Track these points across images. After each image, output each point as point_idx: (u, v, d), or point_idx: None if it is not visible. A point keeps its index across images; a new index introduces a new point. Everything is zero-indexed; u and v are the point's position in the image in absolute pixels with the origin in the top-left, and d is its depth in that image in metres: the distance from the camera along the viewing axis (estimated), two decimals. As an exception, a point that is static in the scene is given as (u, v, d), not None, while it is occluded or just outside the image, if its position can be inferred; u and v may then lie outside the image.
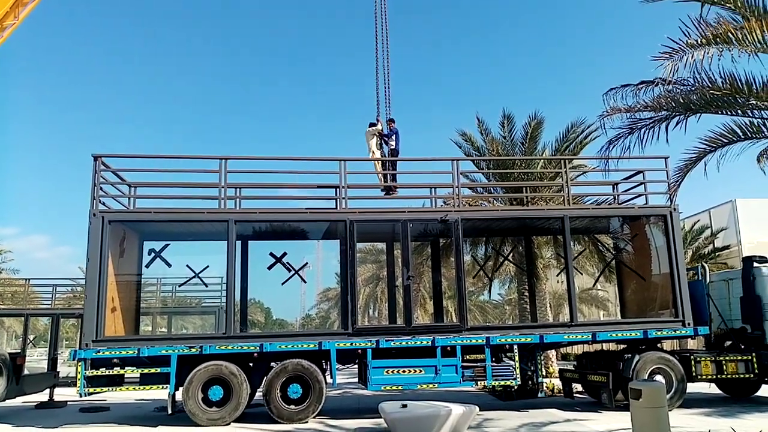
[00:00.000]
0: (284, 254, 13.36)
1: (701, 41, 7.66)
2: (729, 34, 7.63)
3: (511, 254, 18.50)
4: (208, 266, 13.76)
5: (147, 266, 13.05)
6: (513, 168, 17.88)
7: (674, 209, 13.17)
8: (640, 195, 14.19)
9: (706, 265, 14.79)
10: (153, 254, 12.76)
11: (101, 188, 12.05)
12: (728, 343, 13.50)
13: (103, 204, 12.19)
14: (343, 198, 12.82)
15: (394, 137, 14.71)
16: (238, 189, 13.21)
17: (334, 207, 12.94)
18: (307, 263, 14.71)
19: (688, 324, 12.69)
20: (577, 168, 17.00)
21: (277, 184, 13.57)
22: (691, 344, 16.32)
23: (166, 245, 12.92)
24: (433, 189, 14.47)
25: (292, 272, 13.35)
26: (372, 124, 14.89)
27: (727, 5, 7.95)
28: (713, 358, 12.63)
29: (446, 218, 12.85)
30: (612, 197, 15.41)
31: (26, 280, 25.32)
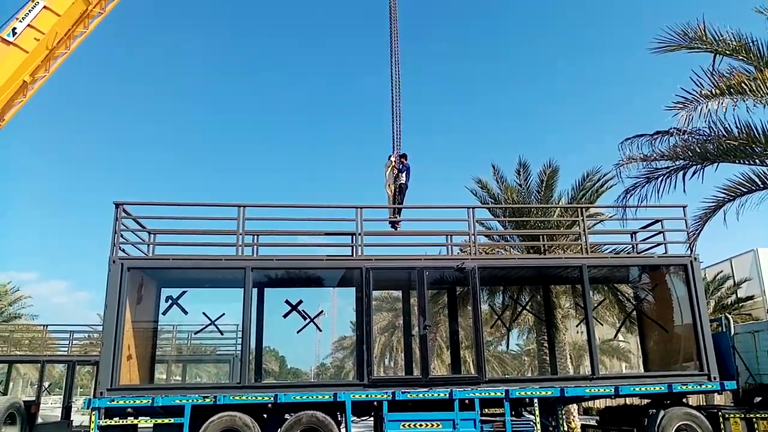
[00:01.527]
0: (300, 302, 13.30)
1: (715, 92, 7.72)
2: (743, 84, 7.69)
3: (529, 303, 18.25)
4: (224, 314, 13.72)
5: (164, 313, 13.06)
6: (529, 216, 17.86)
7: (695, 258, 12.97)
8: (659, 244, 14.02)
9: (729, 317, 14.43)
10: (170, 301, 12.79)
11: (121, 235, 12.22)
12: (758, 399, 13.01)
13: (123, 250, 12.33)
14: (360, 245, 12.85)
15: (404, 173, 14.90)
16: (255, 236, 13.30)
17: (351, 254, 12.97)
18: (322, 311, 14.62)
19: (714, 378, 12.30)
20: (594, 216, 16.92)
21: (293, 231, 13.66)
22: (718, 399, 15.76)
23: (183, 292, 12.95)
24: (449, 236, 14.46)
25: (308, 320, 13.27)
26: (391, 158, 15.18)
27: (740, 56, 8.05)
28: (743, 415, 12.15)
29: (463, 266, 12.77)
30: (631, 246, 15.24)
31: (44, 326, 25.42)
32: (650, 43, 8.52)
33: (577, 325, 18.97)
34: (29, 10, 12.86)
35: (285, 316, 13.21)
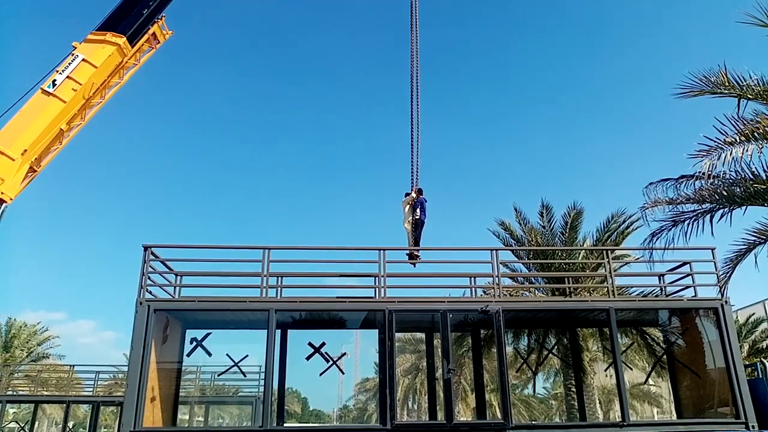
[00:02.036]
0: (323, 344, 13.30)
1: (740, 138, 7.71)
2: (768, 129, 7.67)
3: (556, 347, 17.92)
4: (247, 355, 13.78)
5: (188, 355, 13.15)
6: (554, 258, 17.69)
7: (726, 302, 12.68)
8: (688, 287, 13.75)
9: (765, 362, 13.97)
10: (195, 343, 12.89)
11: (149, 277, 12.45)
12: (797, 448, 12.46)
13: (150, 292, 12.54)
14: (383, 287, 12.88)
15: (420, 207, 14.94)
16: (279, 278, 13.45)
17: (373, 296, 12.98)
18: (345, 353, 14.59)
19: (752, 427, 11.84)
20: (620, 258, 16.70)
21: (317, 273, 13.78)
22: (756, 448, 15.11)
23: (208, 334, 13.06)
24: (472, 278, 14.39)
25: (330, 363, 13.23)
26: (407, 194, 15.26)
27: (764, 101, 8.03)
28: (781, 466, 11.64)
29: (487, 309, 12.67)
30: (659, 289, 14.97)
31: (70, 366, 25.70)
32: (674, 89, 8.58)
33: (605, 369, 18.49)
34: (69, 63, 13.51)
35: (308, 358, 13.20)
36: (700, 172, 8.42)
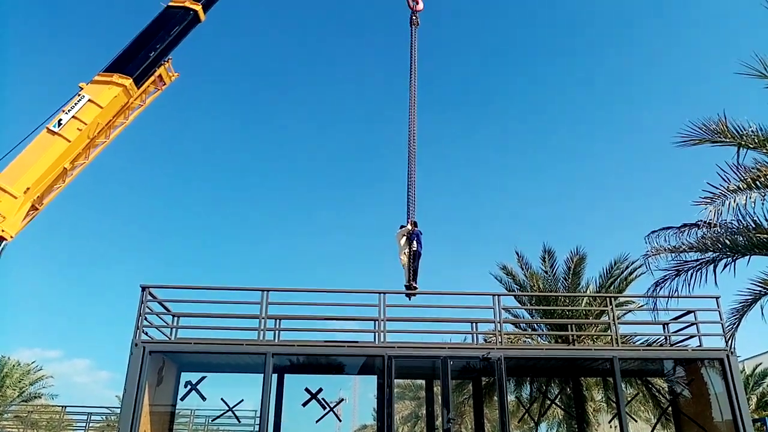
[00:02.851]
0: (320, 390, 13.01)
1: (742, 186, 7.70)
2: (769, 178, 7.65)
3: (559, 396, 17.52)
4: (242, 400, 13.47)
5: (182, 399, 12.88)
6: (557, 304, 17.48)
7: (731, 352, 12.43)
8: (692, 336, 13.52)
9: (773, 415, 13.62)
10: (189, 387, 12.63)
11: (146, 318, 12.29)
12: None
13: (146, 333, 12.35)
14: (382, 331, 12.68)
15: (416, 239, 14.81)
16: (277, 320, 13.26)
17: (373, 340, 12.77)
18: (343, 399, 14.28)
19: (761, 484, 11.44)
20: (623, 306, 16.50)
21: (315, 316, 13.59)
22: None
23: (203, 377, 12.80)
24: (474, 324, 14.18)
25: (327, 410, 12.92)
26: (402, 226, 15.15)
27: (764, 150, 8.05)
28: None
29: (488, 356, 12.43)
30: (663, 337, 14.72)
31: (62, 407, 25.18)
32: (674, 137, 8.63)
33: (609, 421, 18.03)
34: (75, 103, 13.71)
35: (304, 405, 12.90)
36: (701, 220, 8.38)
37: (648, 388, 17.04)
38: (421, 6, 17.05)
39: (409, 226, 15.05)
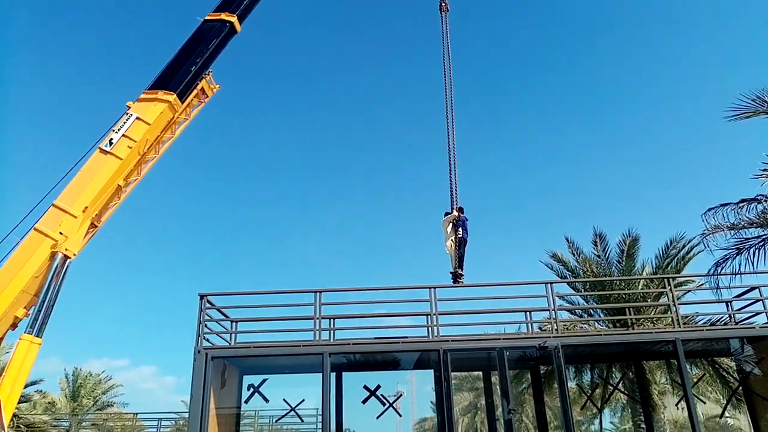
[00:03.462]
0: (378, 387, 13.15)
1: (802, 157, 7.34)
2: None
3: (621, 381, 17.13)
4: (303, 400, 13.75)
5: (246, 402, 13.23)
6: (612, 288, 17.07)
7: (802, 327, 11.90)
8: (758, 313, 13.00)
9: None
10: (252, 389, 12.99)
11: (206, 325, 12.69)
12: None
13: (207, 340, 12.76)
14: (435, 325, 12.71)
15: (461, 226, 14.75)
16: (332, 320, 13.47)
17: (427, 335, 12.81)
18: (401, 394, 14.39)
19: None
20: (682, 286, 15.99)
21: (369, 314, 13.73)
22: None
23: (264, 380, 13.15)
24: (528, 313, 14.02)
25: (387, 405, 13.05)
26: (447, 213, 15.11)
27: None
28: None
29: (545, 345, 12.27)
30: (728, 316, 14.20)
31: (134, 414, 26.27)
32: (725, 111, 8.28)
33: (677, 403, 17.56)
34: (124, 122, 14.20)
35: (364, 402, 13.07)
36: (761, 195, 8.03)
37: (715, 368, 16.49)
38: None
39: (455, 213, 14.99)
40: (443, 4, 17.05)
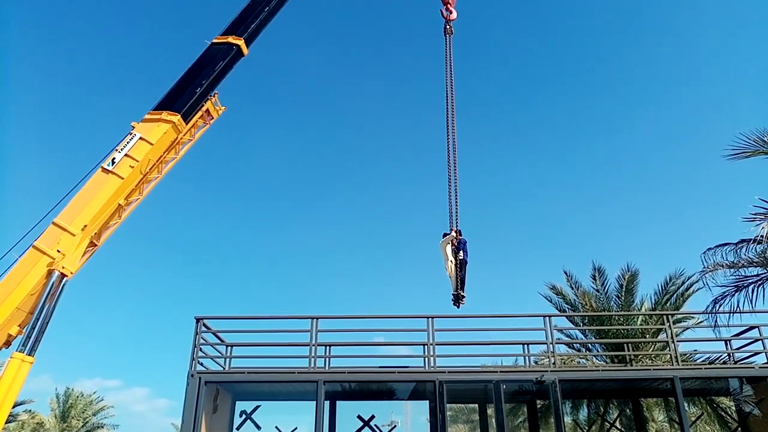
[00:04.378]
0: (372, 417, 13.02)
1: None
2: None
3: (618, 418, 16.91)
4: (296, 428, 13.56)
5: (238, 428, 13.03)
6: (610, 323, 16.97)
7: (802, 369, 11.80)
8: (758, 353, 12.91)
9: None
10: (244, 416, 12.83)
11: (200, 349, 12.58)
12: None
13: (201, 364, 12.63)
14: (432, 356, 12.61)
15: (462, 248, 14.66)
16: (327, 347, 13.37)
17: (423, 365, 12.70)
18: (395, 425, 14.22)
19: None
20: (681, 323, 15.90)
21: (365, 342, 13.64)
22: None
23: (257, 406, 13.02)
24: (525, 346, 13.90)
25: (381, 436, 12.88)
26: (445, 234, 15.02)
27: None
28: None
29: (542, 379, 12.16)
30: (726, 354, 14.08)
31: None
32: (725, 150, 8.35)
33: (674, 442, 17.34)
34: (127, 142, 14.24)
35: (358, 432, 12.90)
36: (759, 235, 8.04)
37: (713, 407, 16.31)
38: (454, 15, 17.24)
39: (454, 234, 14.94)
40: (448, 26, 17.21)
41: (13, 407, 13.15)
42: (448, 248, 14.90)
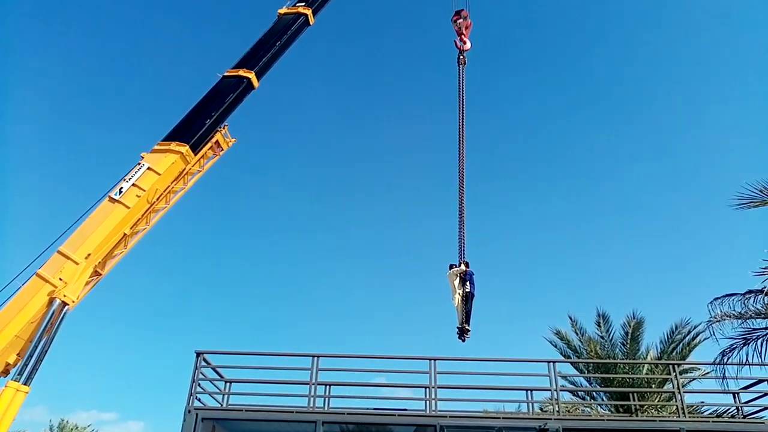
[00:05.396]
0: (371, 461, 12.72)
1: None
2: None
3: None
4: (293, 470, 13.27)
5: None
6: (615, 371, 16.68)
7: (814, 427, 11.51)
8: (767, 408, 12.63)
9: None
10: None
11: (199, 384, 12.40)
12: None
13: (199, 399, 12.43)
14: (434, 399, 12.39)
15: (469, 280, 14.49)
16: (327, 387, 13.17)
17: (424, 408, 12.47)
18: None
19: None
20: (687, 373, 15.61)
21: (366, 383, 13.45)
22: None
23: (254, 446, 12.73)
24: (529, 392, 13.63)
25: (379, 482, 12.56)
26: (452, 266, 14.86)
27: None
28: None
29: (546, 427, 11.90)
30: (735, 408, 13.77)
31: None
32: (731, 200, 8.34)
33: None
34: (135, 171, 14.33)
35: (355, 476, 12.58)
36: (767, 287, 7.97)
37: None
38: (468, 46, 17.46)
39: (462, 267, 14.81)
40: (461, 57, 17.40)
41: (5, 438, 12.87)
42: (456, 281, 14.76)
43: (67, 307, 12.90)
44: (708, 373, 14.25)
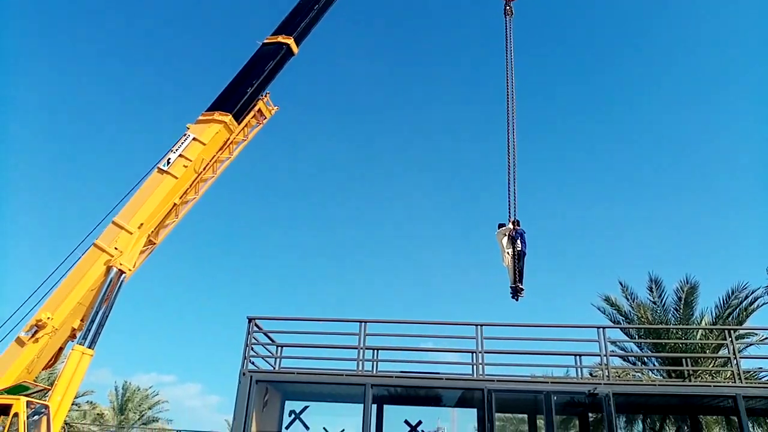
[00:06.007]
0: (419, 423, 12.94)
1: None
2: None
3: (674, 435, 16.29)
4: (344, 430, 13.62)
5: (287, 428, 13.18)
6: (668, 337, 16.30)
7: None
8: (831, 373, 12.16)
9: None
10: (293, 416, 12.98)
11: (252, 348, 12.78)
12: None
13: (252, 363, 12.84)
14: (481, 363, 12.41)
15: (519, 238, 14.27)
16: (375, 351, 13.37)
17: (471, 373, 12.52)
18: (441, 430, 14.11)
19: None
20: (744, 339, 15.15)
21: (413, 347, 13.55)
22: None
23: (306, 407, 13.16)
24: (578, 357, 13.51)
25: (428, 442, 12.78)
26: (501, 225, 14.68)
27: None
28: None
29: (596, 392, 11.79)
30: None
31: (177, 431, 26.61)
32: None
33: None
34: (182, 143, 14.61)
35: (405, 438, 12.83)
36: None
37: (779, 428, 15.48)
38: None
39: (510, 225, 14.56)
40: (508, 7, 16.79)
41: (76, 397, 13.64)
42: (505, 239, 14.51)
43: (123, 275, 13.43)
44: (765, 339, 13.81)
